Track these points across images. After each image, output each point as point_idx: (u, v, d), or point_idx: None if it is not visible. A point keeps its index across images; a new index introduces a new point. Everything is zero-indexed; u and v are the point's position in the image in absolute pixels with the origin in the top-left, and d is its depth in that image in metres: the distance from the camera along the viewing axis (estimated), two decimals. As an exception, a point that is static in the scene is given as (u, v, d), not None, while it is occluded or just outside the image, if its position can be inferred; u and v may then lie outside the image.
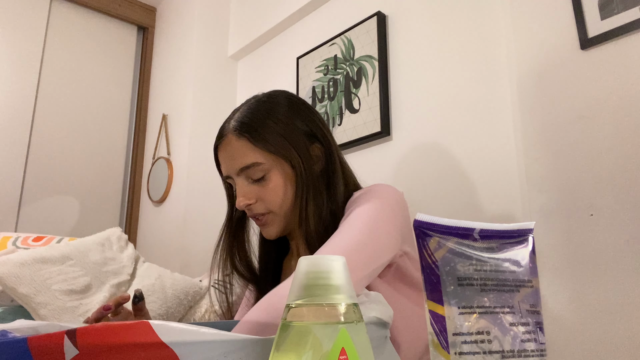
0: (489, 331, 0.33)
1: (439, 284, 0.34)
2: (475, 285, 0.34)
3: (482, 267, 0.34)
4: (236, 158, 0.78)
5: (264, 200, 0.78)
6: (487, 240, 0.36)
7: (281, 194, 0.78)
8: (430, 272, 0.35)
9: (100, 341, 0.36)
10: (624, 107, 0.98)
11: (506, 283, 0.34)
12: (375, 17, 1.58)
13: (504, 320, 0.33)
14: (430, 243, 0.36)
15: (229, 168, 0.80)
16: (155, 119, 2.49)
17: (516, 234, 0.38)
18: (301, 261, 0.33)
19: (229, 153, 0.79)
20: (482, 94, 1.27)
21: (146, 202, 2.39)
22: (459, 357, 0.33)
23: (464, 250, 0.35)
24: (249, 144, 0.78)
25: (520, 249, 0.37)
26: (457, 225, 0.36)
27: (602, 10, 1.03)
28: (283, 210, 0.79)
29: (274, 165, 0.78)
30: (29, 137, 2.20)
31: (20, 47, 2.21)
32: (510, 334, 0.33)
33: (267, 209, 0.79)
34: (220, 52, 2.36)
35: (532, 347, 0.34)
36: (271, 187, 0.77)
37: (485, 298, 0.34)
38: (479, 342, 0.33)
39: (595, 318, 0.97)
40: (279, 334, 0.31)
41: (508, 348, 0.33)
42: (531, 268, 0.37)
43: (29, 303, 1.01)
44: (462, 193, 1.27)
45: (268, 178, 0.78)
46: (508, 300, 0.34)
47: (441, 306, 0.34)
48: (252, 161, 0.77)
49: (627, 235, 0.95)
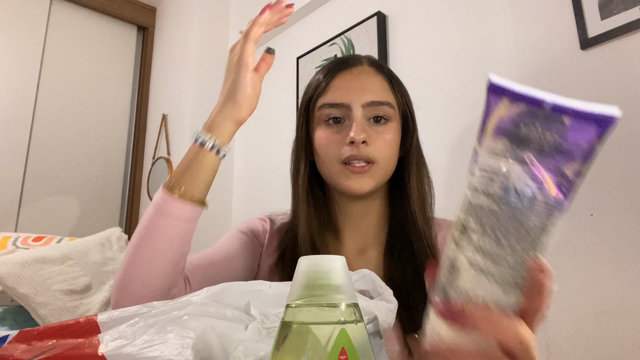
0: (507, 173, 0.32)
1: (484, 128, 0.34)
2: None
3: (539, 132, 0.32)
4: (370, 90, 0.72)
5: (375, 146, 0.71)
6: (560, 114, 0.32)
7: (393, 149, 0.74)
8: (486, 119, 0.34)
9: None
10: (624, 107, 0.98)
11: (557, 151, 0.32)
12: (375, 17, 1.58)
13: (530, 170, 0.32)
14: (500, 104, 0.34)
15: (357, 97, 0.71)
16: (155, 119, 2.49)
17: (593, 118, 0.32)
18: (301, 261, 0.33)
19: (362, 82, 0.73)
20: (482, 94, 1.26)
21: (146, 202, 2.39)
22: (471, 176, 0.34)
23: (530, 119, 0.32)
24: (387, 84, 0.75)
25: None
26: (529, 94, 0.33)
27: (602, 10, 1.03)
28: (388, 167, 0.74)
29: (397, 118, 0.75)
30: (29, 137, 2.20)
31: (20, 47, 2.21)
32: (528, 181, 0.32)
33: (375, 157, 0.71)
34: (220, 52, 2.36)
35: (541, 199, 0.33)
36: (387, 137, 0.72)
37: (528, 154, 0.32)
38: (492, 174, 0.33)
39: (595, 318, 0.97)
40: (278, 334, 0.31)
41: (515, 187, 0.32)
42: (586, 152, 0.33)
43: (29, 303, 1.01)
44: (461, 194, 1.27)
45: (387, 127, 0.73)
46: (549, 163, 0.32)
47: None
48: (387, 100, 0.73)
49: (627, 235, 0.95)
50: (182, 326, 0.38)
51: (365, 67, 0.75)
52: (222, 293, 0.44)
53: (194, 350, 0.36)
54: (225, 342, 0.37)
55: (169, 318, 0.39)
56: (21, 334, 0.38)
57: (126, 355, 0.35)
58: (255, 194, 2.09)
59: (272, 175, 1.96)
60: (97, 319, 0.40)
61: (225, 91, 0.66)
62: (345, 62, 0.76)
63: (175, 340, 0.36)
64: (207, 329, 0.38)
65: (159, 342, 0.36)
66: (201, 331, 0.38)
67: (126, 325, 0.38)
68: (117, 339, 0.37)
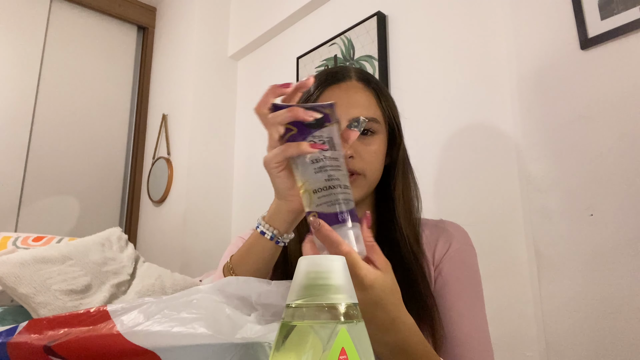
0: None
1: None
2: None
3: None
4: (357, 106, 0.76)
5: (363, 159, 0.75)
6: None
7: (379, 160, 0.77)
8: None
9: (85, 355, 0.35)
10: (624, 107, 0.98)
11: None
12: (375, 17, 1.58)
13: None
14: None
15: (344, 112, 0.75)
16: (155, 119, 2.49)
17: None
18: (301, 261, 0.33)
19: (350, 97, 0.76)
20: (482, 94, 1.27)
21: (146, 202, 2.39)
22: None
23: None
24: (374, 99, 0.78)
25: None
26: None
27: (602, 10, 1.03)
28: (373, 177, 0.77)
29: (383, 131, 0.78)
30: (29, 137, 2.20)
31: (20, 47, 2.21)
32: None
33: (362, 169, 0.75)
34: (220, 52, 2.36)
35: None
36: (373, 149, 0.76)
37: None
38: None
39: (595, 318, 0.97)
40: (278, 334, 0.31)
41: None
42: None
43: (29, 303, 1.01)
44: (461, 193, 1.27)
45: (373, 139, 0.76)
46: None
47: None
48: (373, 115, 0.76)
49: (627, 235, 0.95)
50: (193, 307, 0.39)
51: (353, 82, 0.78)
52: (227, 285, 0.45)
53: (205, 323, 0.37)
54: (233, 319, 0.39)
55: (180, 302, 0.41)
56: (31, 323, 0.38)
57: (142, 331, 0.36)
58: (255, 194, 2.09)
59: (272, 175, 1.96)
60: (107, 308, 0.41)
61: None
62: (334, 76, 0.80)
63: (187, 315, 0.38)
64: (216, 308, 0.40)
65: (170, 318, 0.38)
66: (211, 310, 0.39)
67: (138, 311, 0.39)
68: (131, 320, 0.38)
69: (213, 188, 2.16)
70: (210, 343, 0.35)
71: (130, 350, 0.35)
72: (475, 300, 0.73)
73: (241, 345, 0.36)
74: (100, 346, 0.35)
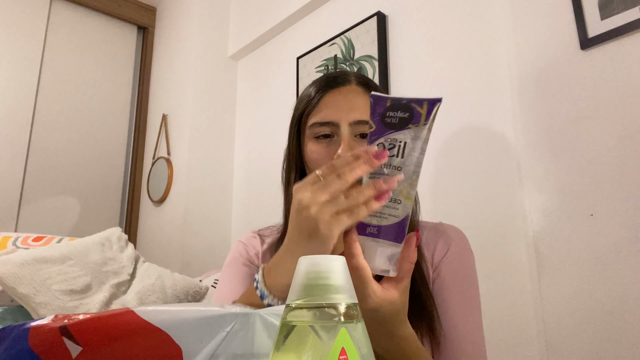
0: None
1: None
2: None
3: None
4: (357, 109, 0.77)
5: None
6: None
7: None
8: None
9: (97, 334, 0.37)
10: (624, 107, 0.98)
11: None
12: (375, 17, 1.58)
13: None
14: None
15: (345, 115, 0.77)
16: (155, 119, 2.49)
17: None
18: (301, 261, 0.33)
19: (350, 101, 0.78)
20: (482, 94, 1.27)
21: (146, 202, 2.39)
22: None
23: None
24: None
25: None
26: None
27: (602, 10, 1.03)
28: None
29: None
30: (29, 137, 2.20)
31: (20, 47, 2.21)
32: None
33: None
34: (220, 52, 2.36)
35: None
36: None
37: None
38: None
39: (595, 318, 0.97)
40: (278, 334, 0.31)
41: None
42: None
43: (29, 303, 1.01)
44: (461, 192, 1.27)
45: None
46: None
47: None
48: None
49: (627, 235, 0.95)
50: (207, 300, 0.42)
51: (353, 87, 0.80)
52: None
53: (220, 307, 0.41)
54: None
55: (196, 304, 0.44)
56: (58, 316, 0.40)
57: (155, 310, 0.39)
58: (255, 194, 2.09)
59: (272, 174, 1.96)
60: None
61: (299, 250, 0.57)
62: (335, 80, 0.81)
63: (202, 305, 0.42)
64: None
65: (185, 305, 0.41)
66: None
67: (154, 306, 0.42)
68: (147, 308, 0.41)
69: (213, 188, 2.16)
70: (214, 315, 0.39)
71: (141, 327, 0.38)
72: (471, 303, 0.74)
73: (241, 315, 0.40)
74: (112, 325, 0.38)
